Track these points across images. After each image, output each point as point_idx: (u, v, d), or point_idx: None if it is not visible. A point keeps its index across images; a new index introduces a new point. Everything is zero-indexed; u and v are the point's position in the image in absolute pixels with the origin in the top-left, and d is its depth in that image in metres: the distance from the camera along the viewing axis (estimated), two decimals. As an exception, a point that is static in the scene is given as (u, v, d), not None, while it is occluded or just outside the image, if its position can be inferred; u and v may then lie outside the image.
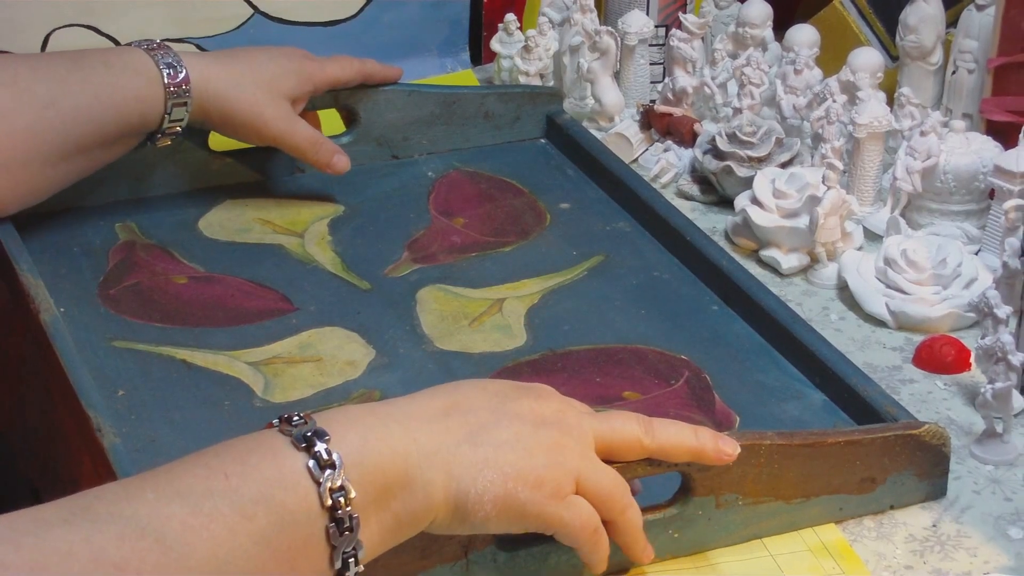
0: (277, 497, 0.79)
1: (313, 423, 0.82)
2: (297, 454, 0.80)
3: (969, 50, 1.39)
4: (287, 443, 0.81)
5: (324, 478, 0.80)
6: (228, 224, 1.30)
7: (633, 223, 1.31)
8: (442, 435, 0.84)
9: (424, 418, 0.85)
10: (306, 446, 0.80)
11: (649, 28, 1.50)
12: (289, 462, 0.80)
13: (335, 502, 0.80)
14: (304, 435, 0.81)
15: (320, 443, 0.80)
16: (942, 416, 1.10)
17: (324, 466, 0.80)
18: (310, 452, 0.80)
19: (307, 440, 0.80)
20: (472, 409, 0.86)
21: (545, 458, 0.86)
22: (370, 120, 1.38)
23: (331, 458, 0.80)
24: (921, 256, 1.22)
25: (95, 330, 1.15)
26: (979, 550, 0.97)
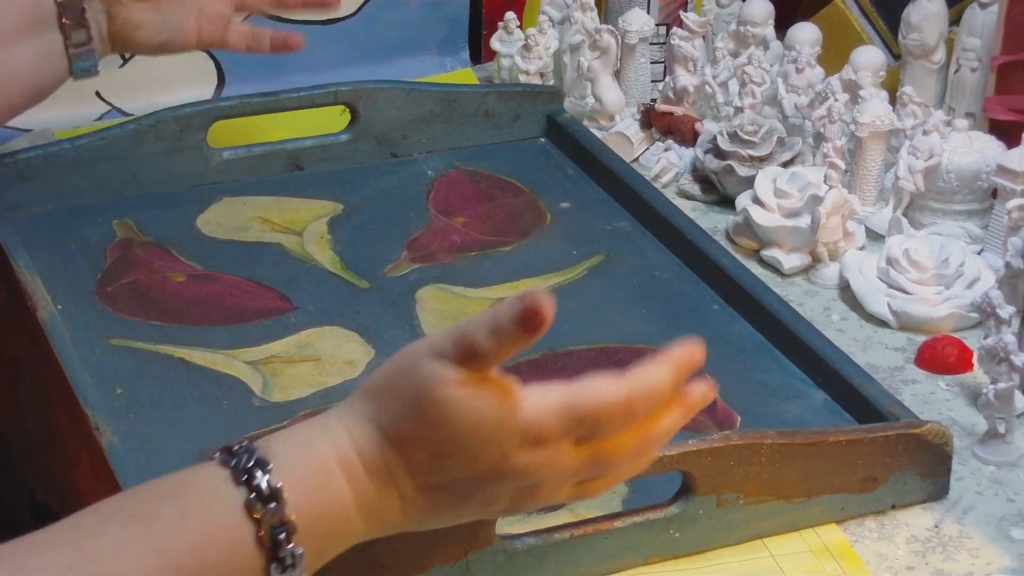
0: (215, 537, 0.76)
1: (256, 453, 0.78)
2: (235, 491, 0.77)
3: (972, 48, 1.39)
4: (227, 479, 0.77)
5: (264, 513, 0.77)
6: (226, 222, 1.30)
7: (634, 222, 1.30)
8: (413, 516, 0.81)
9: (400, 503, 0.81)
10: (246, 480, 0.77)
11: (650, 26, 1.49)
12: (226, 499, 0.77)
13: (276, 541, 0.77)
14: (246, 467, 0.77)
15: (261, 475, 0.77)
16: (944, 417, 1.10)
17: (265, 500, 0.77)
18: (250, 486, 0.77)
19: (248, 473, 0.77)
20: (443, 490, 0.80)
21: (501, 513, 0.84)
22: (369, 118, 1.38)
23: (272, 490, 0.77)
24: (923, 256, 1.21)
25: (93, 328, 1.14)
26: (981, 551, 0.97)
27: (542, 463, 0.80)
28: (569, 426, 0.79)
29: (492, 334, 0.78)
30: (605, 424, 0.80)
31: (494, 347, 0.78)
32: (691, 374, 0.83)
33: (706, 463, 0.93)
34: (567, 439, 0.80)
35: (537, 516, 0.96)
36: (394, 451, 0.79)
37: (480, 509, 0.82)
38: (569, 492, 0.83)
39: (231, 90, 1.55)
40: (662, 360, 0.81)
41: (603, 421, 0.80)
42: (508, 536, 0.91)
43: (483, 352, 0.78)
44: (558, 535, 0.92)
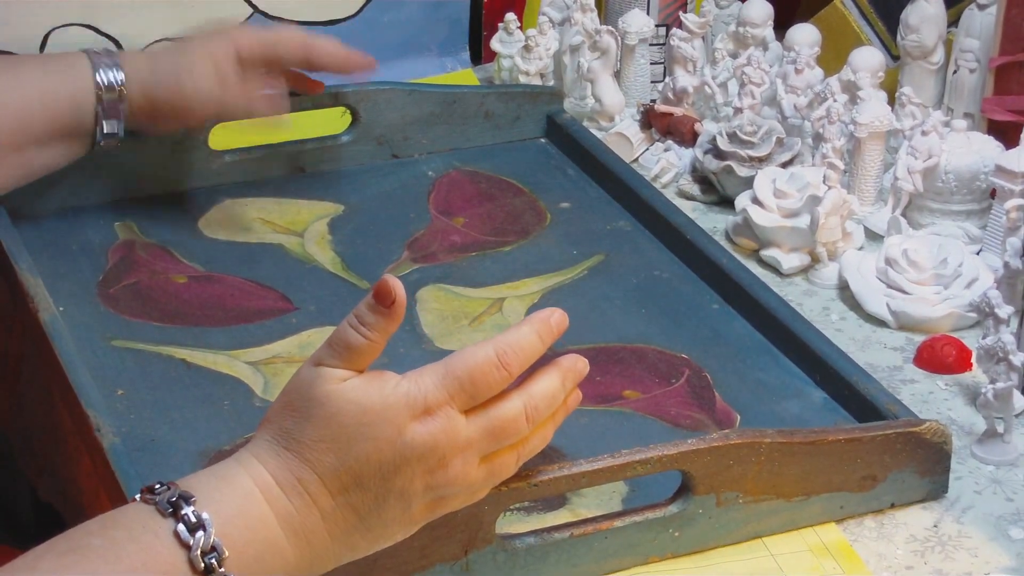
0: (150, 566, 0.78)
1: (178, 488, 0.80)
2: (164, 521, 0.79)
3: (970, 49, 1.39)
4: (152, 511, 0.79)
5: (193, 541, 0.79)
6: (228, 223, 1.30)
7: (633, 222, 1.30)
8: (337, 529, 0.83)
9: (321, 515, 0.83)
10: (172, 511, 0.79)
11: (649, 27, 1.50)
12: (155, 531, 0.79)
13: (207, 565, 0.79)
14: (170, 500, 0.80)
15: (187, 506, 0.79)
16: (943, 416, 1.10)
17: (192, 529, 0.79)
18: (177, 516, 0.79)
19: (173, 505, 0.79)
20: (359, 489, 0.83)
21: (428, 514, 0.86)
22: (370, 119, 1.38)
23: (200, 519, 0.79)
24: (922, 256, 1.21)
25: (94, 329, 1.14)
26: (980, 550, 0.97)
27: (438, 431, 0.83)
28: (450, 390, 0.84)
29: (358, 325, 0.84)
30: (482, 383, 0.84)
31: (361, 337, 0.83)
32: (558, 334, 0.88)
33: (705, 462, 0.93)
34: (453, 405, 0.84)
35: (537, 516, 0.97)
36: (300, 462, 0.83)
37: (401, 506, 0.84)
38: (481, 472, 0.85)
39: (232, 91, 1.55)
40: (525, 321, 0.87)
41: (479, 380, 0.84)
42: (508, 536, 0.92)
43: (354, 344, 0.83)
44: (558, 535, 0.93)
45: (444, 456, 0.84)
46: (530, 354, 0.86)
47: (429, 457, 0.83)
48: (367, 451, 0.83)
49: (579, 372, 0.89)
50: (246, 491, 0.82)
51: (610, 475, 0.92)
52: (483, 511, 0.89)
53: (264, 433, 0.84)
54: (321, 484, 0.82)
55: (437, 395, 0.84)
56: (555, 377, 0.87)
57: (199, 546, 0.78)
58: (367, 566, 0.87)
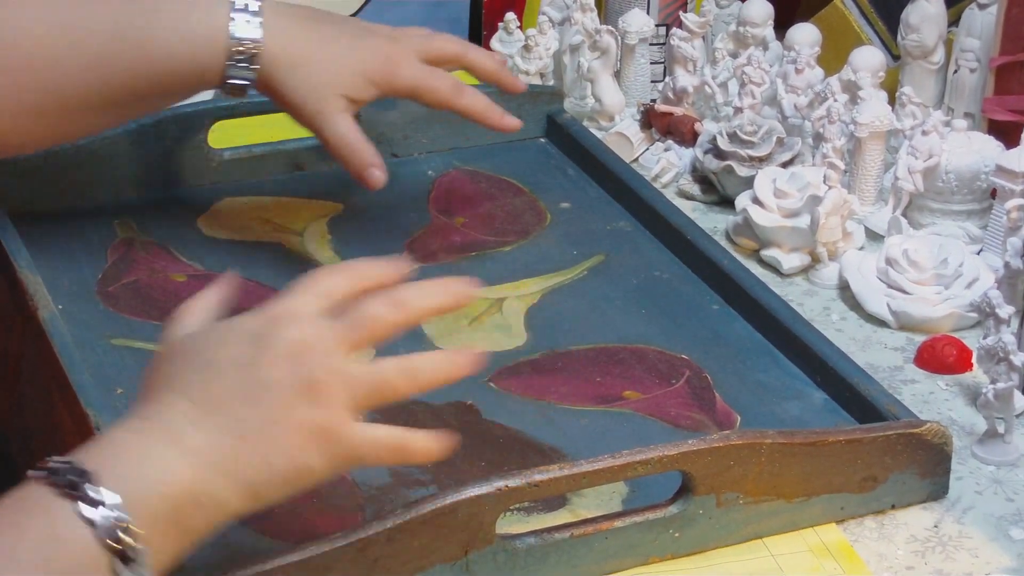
0: (57, 553, 0.77)
1: (76, 465, 0.79)
2: (65, 502, 0.78)
3: (971, 49, 1.39)
4: (53, 493, 0.78)
5: (97, 516, 0.78)
6: (227, 222, 1.30)
7: (634, 222, 1.30)
8: (210, 435, 0.82)
9: (186, 424, 0.83)
10: (72, 489, 0.78)
11: (649, 27, 1.50)
12: (59, 513, 0.78)
13: (115, 537, 0.78)
14: (69, 479, 0.79)
15: (87, 484, 0.78)
16: (944, 416, 1.10)
17: (95, 504, 0.78)
18: (78, 495, 0.78)
19: (72, 485, 0.78)
20: (226, 395, 0.83)
21: (313, 409, 0.84)
22: (370, 118, 1.38)
23: (99, 495, 0.78)
24: (923, 256, 1.21)
25: (94, 328, 1.14)
26: (981, 551, 0.97)
27: (282, 313, 0.86)
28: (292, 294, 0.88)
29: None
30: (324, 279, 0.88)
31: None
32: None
33: (706, 463, 0.93)
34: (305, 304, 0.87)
35: (537, 516, 0.97)
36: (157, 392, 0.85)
37: (278, 404, 0.83)
38: (358, 366, 0.85)
39: (231, 90, 1.55)
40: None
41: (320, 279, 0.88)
42: (508, 536, 0.92)
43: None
44: (558, 535, 0.93)
45: (302, 340, 0.84)
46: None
47: (284, 338, 0.84)
48: (218, 353, 0.85)
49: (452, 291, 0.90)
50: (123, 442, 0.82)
51: (610, 475, 0.92)
52: (483, 511, 0.89)
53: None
54: (180, 396, 0.84)
55: (279, 299, 0.87)
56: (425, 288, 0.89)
57: (104, 523, 0.78)
58: (367, 566, 0.87)
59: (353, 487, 0.99)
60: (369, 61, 1.19)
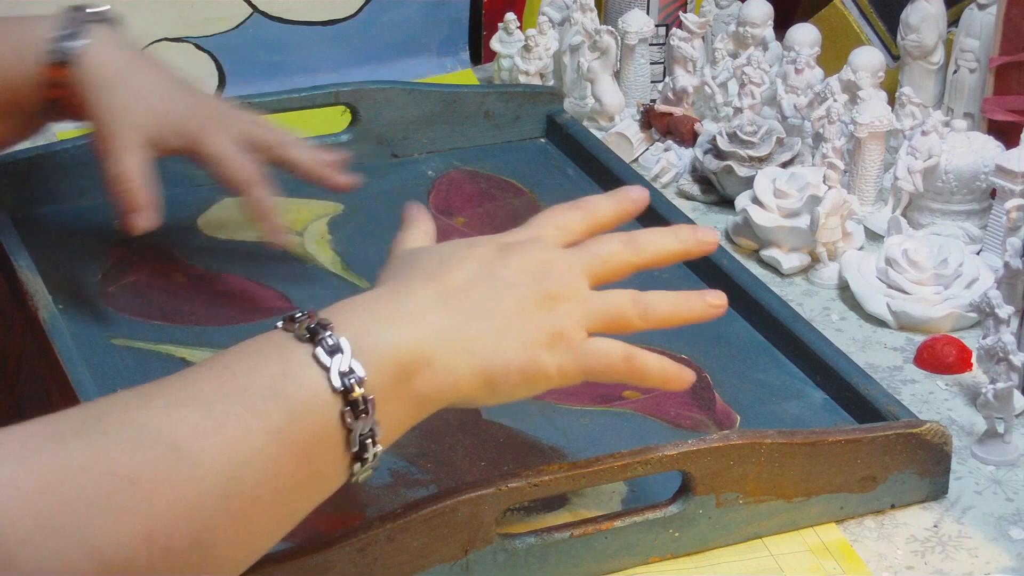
0: (287, 389, 0.78)
1: (316, 318, 0.82)
2: (302, 345, 0.80)
3: (970, 49, 1.39)
4: (291, 337, 0.81)
5: (332, 363, 0.79)
6: (227, 222, 1.30)
7: (633, 222, 1.30)
8: (451, 315, 0.85)
9: (428, 302, 0.85)
10: (310, 337, 0.80)
11: (649, 27, 1.50)
12: (295, 355, 0.80)
13: (346, 386, 0.79)
14: (308, 327, 0.81)
15: (324, 332, 0.80)
16: (943, 416, 1.10)
17: (331, 352, 0.80)
18: (315, 341, 0.80)
19: (311, 331, 0.81)
20: (469, 285, 0.86)
21: (551, 315, 0.86)
22: (370, 118, 1.38)
23: (337, 343, 0.80)
24: (922, 256, 1.21)
25: (94, 328, 1.14)
26: (980, 551, 0.97)
27: (529, 235, 0.91)
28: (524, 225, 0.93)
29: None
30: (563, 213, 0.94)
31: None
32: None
33: (705, 463, 0.93)
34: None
35: (537, 516, 0.97)
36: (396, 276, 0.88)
37: (514, 297, 0.86)
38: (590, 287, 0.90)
39: (232, 91, 1.55)
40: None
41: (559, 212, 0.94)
42: (508, 535, 0.92)
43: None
44: (558, 535, 0.93)
45: (545, 259, 0.88)
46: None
47: (527, 253, 0.88)
48: (455, 258, 0.88)
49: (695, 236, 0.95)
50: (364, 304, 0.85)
51: (610, 475, 0.92)
52: (483, 511, 0.89)
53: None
54: (422, 283, 0.86)
55: (516, 231, 0.92)
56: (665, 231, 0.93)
57: (336, 367, 0.79)
58: (367, 566, 0.87)
59: (353, 487, 0.99)
60: (188, 116, 1.15)
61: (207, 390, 0.78)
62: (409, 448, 1.03)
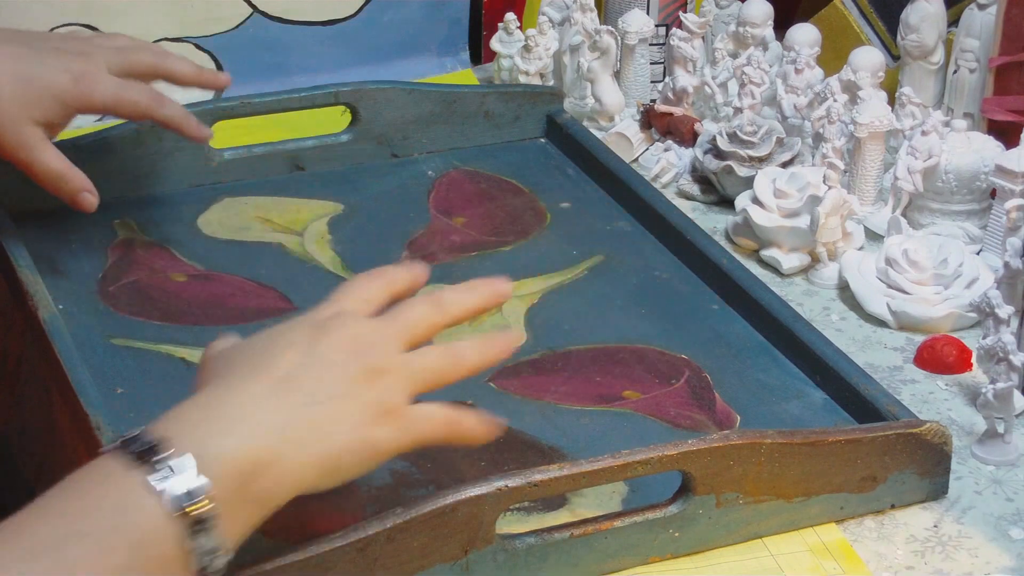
0: (129, 520, 0.78)
1: (147, 435, 0.81)
2: (137, 471, 0.80)
3: (970, 49, 1.39)
4: (125, 464, 0.80)
5: (169, 487, 0.79)
6: (227, 222, 1.30)
7: (633, 222, 1.30)
8: (282, 409, 0.84)
9: (259, 397, 0.85)
10: (149, 460, 0.80)
11: (649, 27, 1.50)
12: (131, 481, 0.79)
13: (185, 508, 0.79)
14: (140, 451, 0.80)
15: (164, 452, 0.80)
16: (943, 416, 1.10)
17: (171, 473, 0.80)
18: (153, 464, 0.80)
19: (150, 453, 0.80)
20: (294, 372, 0.86)
21: (375, 390, 0.87)
22: (370, 118, 1.38)
23: (179, 462, 0.80)
24: (922, 256, 1.21)
25: (94, 328, 1.14)
26: (980, 551, 0.97)
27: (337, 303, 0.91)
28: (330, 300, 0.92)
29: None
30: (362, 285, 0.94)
31: None
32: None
33: (705, 463, 0.93)
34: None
35: (537, 516, 0.97)
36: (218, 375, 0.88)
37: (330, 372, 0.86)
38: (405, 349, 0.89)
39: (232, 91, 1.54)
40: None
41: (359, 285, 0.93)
42: (508, 535, 0.92)
43: None
44: (558, 535, 0.93)
45: (358, 332, 0.88)
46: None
47: (342, 330, 0.88)
48: (274, 344, 0.88)
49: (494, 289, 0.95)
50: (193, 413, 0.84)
51: (610, 475, 0.92)
52: (483, 511, 0.89)
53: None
54: (242, 377, 0.86)
55: (324, 307, 0.91)
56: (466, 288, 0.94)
57: (172, 491, 0.79)
58: (367, 566, 0.87)
59: (353, 487, 0.99)
60: (59, 82, 1.14)
61: (51, 538, 0.77)
62: (409, 448, 1.03)
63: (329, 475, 0.86)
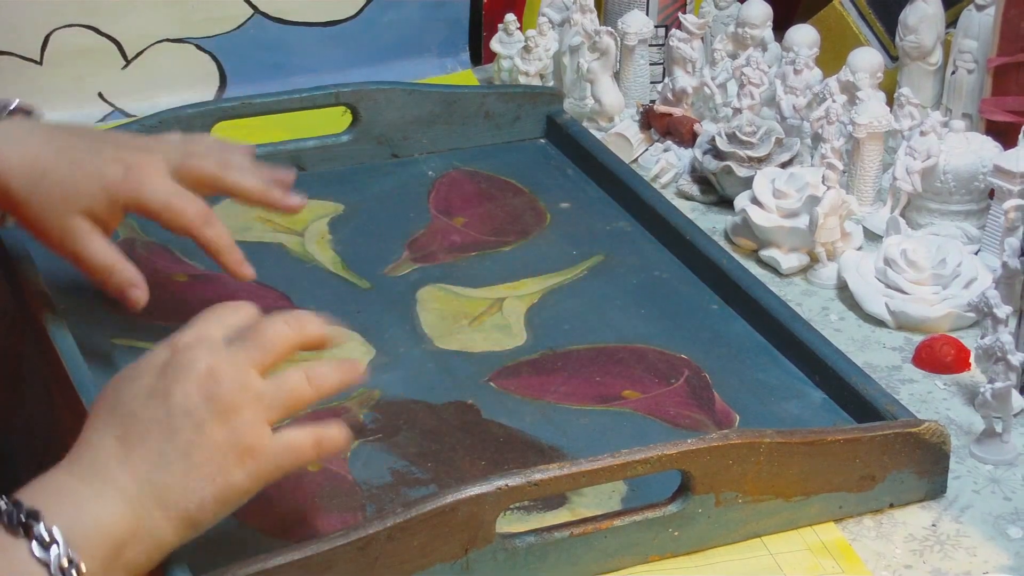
0: None
1: (22, 506, 0.82)
2: (18, 542, 0.80)
3: (969, 50, 1.39)
4: (7, 533, 0.81)
5: (52, 559, 0.80)
6: (228, 222, 1.28)
7: (633, 223, 1.31)
8: (137, 472, 0.85)
9: (114, 462, 0.85)
10: (24, 531, 0.81)
11: (649, 28, 1.50)
12: (15, 552, 0.80)
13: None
14: (19, 521, 0.81)
15: (37, 524, 0.81)
16: (942, 416, 1.10)
17: (47, 546, 0.80)
18: (29, 536, 0.80)
19: (23, 525, 0.81)
20: (146, 427, 0.86)
21: (231, 430, 0.86)
22: (370, 119, 1.38)
23: (53, 537, 0.81)
24: (921, 256, 1.22)
25: (96, 328, 1.15)
26: (978, 550, 0.98)
27: (193, 343, 0.89)
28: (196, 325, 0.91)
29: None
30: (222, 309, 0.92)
31: None
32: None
33: (705, 462, 0.93)
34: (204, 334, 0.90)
35: (537, 515, 0.97)
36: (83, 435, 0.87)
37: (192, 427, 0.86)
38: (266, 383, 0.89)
39: (233, 91, 1.55)
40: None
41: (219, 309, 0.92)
42: (508, 535, 0.92)
43: None
44: (558, 534, 0.93)
45: (210, 365, 0.87)
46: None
47: (193, 365, 0.87)
48: (132, 389, 0.87)
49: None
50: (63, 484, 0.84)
51: (610, 475, 0.92)
52: (483, 510, 0.89)
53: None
54: (105, 435, 0.86)
55: (185, 331, 0.90)
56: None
57: (56, 562, 0.80)
58: (367, 565, 0.88)
59: (353, 487, 0.99)
60: (110, 172, 1.07)
61: None
62: (409, 448, 1.03)
63: (193, 529, 0.86)
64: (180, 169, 1.10)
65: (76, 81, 1.51)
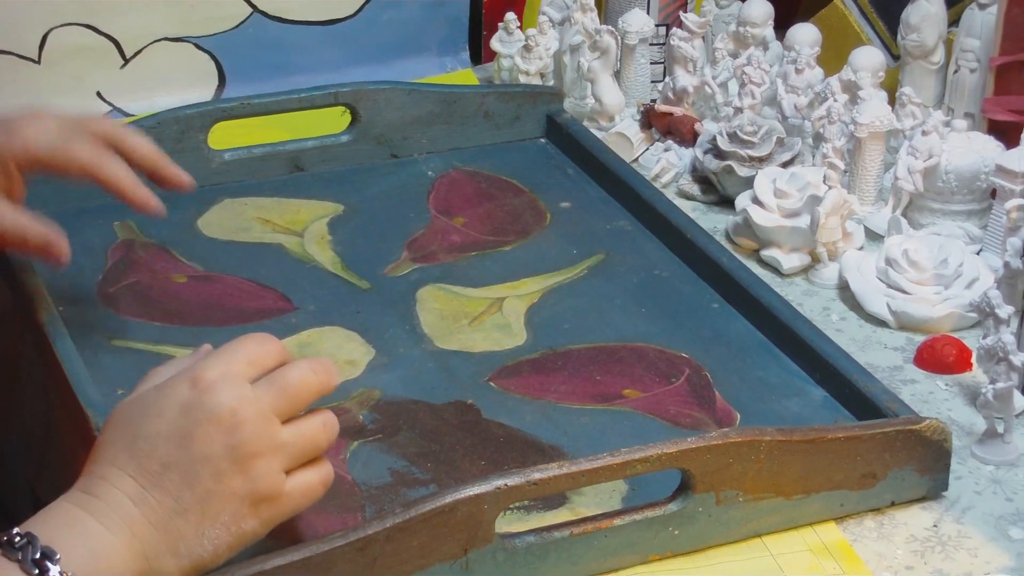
0: None
1: (37, 543, 0.82)
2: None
3: (971, 49, 1.39)
4: (18, 570, 0.81)
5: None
6: (227, 223, 1.30)
7: (634, 222, 1.30)
8: (155, 515, 0.85)
9: (132, 507, 0.85)
10: (39, 570, 0.81)
11: (649, 27, 1.50)
12: None
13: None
14: (34, 560, 0.81)
15: (53, 566, 0.81)
16: (943, 416, 1.10)
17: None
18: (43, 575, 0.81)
19: (39, 565, 0.81)
20: (163, 468, 0.85)
21: (249, 479, 0.86)
22: (370, 119, 1.38)
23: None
24: (922, 256, 1.21)
25: (94, 329, 1.14)
26: (980, 550, 0.97)
27: (220, 385, 0.86)
28: (223, 359, 0.88)
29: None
30: (257, 354, 0.89)
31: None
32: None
33: (705, 460, 0.93)
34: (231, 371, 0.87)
35: (537, 514, 0.97)
36: (100, 465, 0.86)
37: (212, 476, 0.85)
38: (287, 430, 0.87)
39: (232, 91, 1.55)
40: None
41: (253, 352, 0.89)
42: (508, 535, 0.92)
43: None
44: (558, 533, 0.93)
45: (235, 410, 0.86)
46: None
47: (219, 412, 0.86)
48: (153, 426, 0.86)
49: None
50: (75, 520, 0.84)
51: (610, 474, 0.92)
52: (483, 510, 0.89)
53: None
54: (122, 473, 0.85)
55: (210, 364, 0.87)
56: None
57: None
58: (367, 565, 0.87)
59: (353, 487, 0.99)
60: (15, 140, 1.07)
61: None
62: (409, 448, 1.03)
63: (200, 572, 0.86)
64: (75, 127, 1.09)
65: (74, 80, 1.51)
